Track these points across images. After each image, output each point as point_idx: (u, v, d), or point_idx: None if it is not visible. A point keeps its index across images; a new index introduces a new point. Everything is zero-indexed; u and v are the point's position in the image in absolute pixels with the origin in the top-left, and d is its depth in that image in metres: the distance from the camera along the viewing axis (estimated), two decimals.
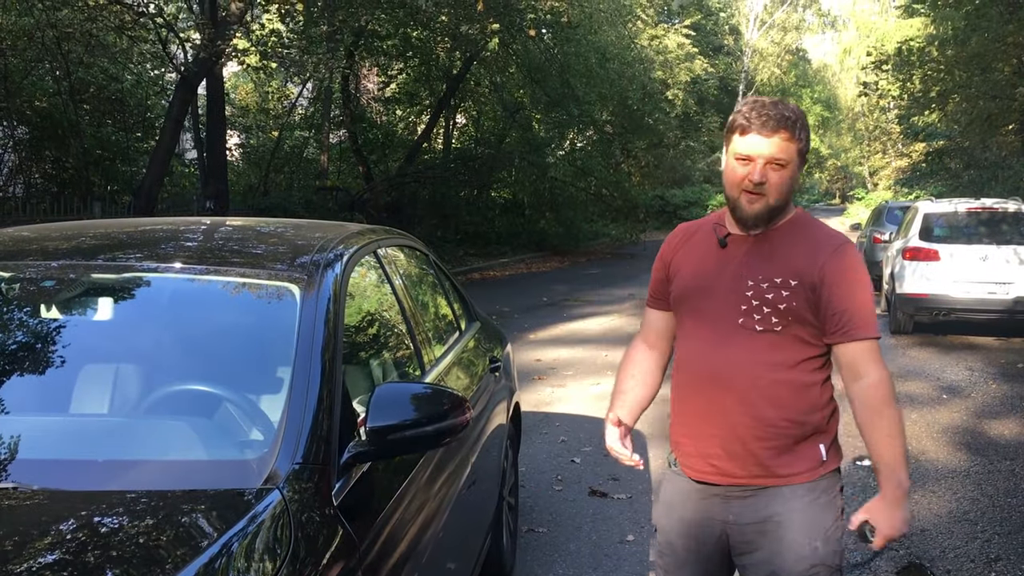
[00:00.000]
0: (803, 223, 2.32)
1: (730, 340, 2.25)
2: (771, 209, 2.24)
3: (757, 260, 2.27)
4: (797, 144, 2.21)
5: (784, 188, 2.23)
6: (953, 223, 11.57)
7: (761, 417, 2.22)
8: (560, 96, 22.53)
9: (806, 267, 2.22)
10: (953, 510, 5.14)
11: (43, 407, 2.30)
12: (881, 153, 45.29)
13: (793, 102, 2.33)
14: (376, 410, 2.09)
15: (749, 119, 2.20)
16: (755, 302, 2.23)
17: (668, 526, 2.45)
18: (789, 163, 2.21)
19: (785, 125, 2.19)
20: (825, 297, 2.20)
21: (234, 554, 1.66)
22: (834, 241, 2.27)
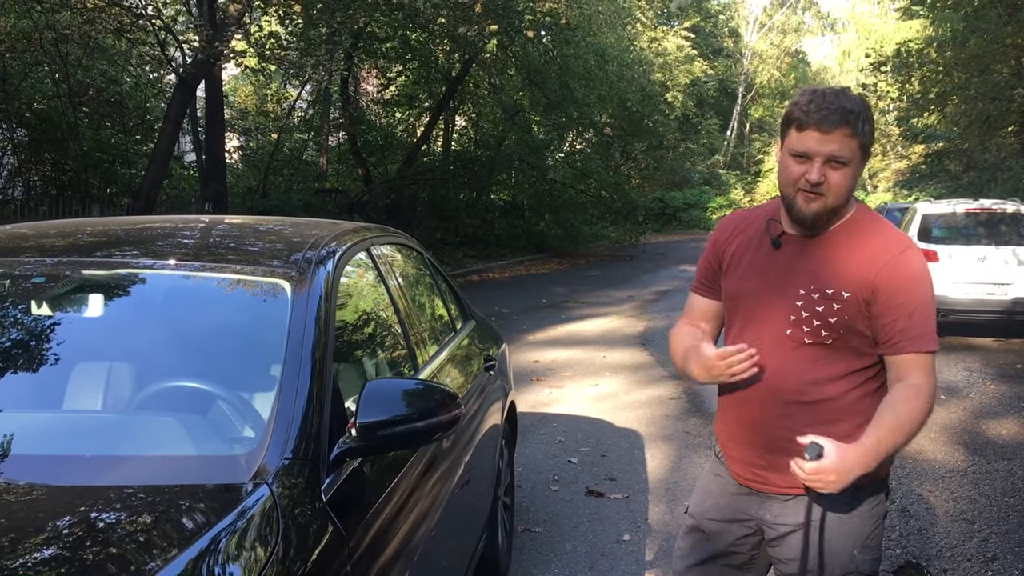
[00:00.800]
0: (864, 224, 2.18)
1: (777, 350, 2.17)
2: (829, 210, 2.11)
3: (811, 266, 2.16)
4: (859, 140, 2.06)
5: (845, 188, 2.09)
6: (952, 224, 11.58)
7: (803, 433, 2.11)
8: (559, 98, 22.54)
9: (861, 277, 2.10)
10: (950, 509, 5.13)
11: (36, 403, 2.30)
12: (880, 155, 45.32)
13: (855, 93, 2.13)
14: (366, 405, 2.08)
15: (807, 113, 2.05)
16: (804, 313, 2.13)
17: (700, 511, 2.43)
18: (851, 161, 2.07)
19: (847, 120, 2.03)
20: (878, 309, 2.09)
21: (222, 548, 1.65)
22: (893, 248, 2.12)
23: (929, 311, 2.11)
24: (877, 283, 2.09)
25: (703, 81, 36.24)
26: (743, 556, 2.39)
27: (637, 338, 11.03)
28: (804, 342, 2.13)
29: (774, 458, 2.20)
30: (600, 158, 26.19)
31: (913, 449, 6.31)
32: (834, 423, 2.14)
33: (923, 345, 2.09)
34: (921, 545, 4.61)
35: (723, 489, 2.37)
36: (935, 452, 6.27)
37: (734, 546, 2.38)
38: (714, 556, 2.40)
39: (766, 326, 2.19)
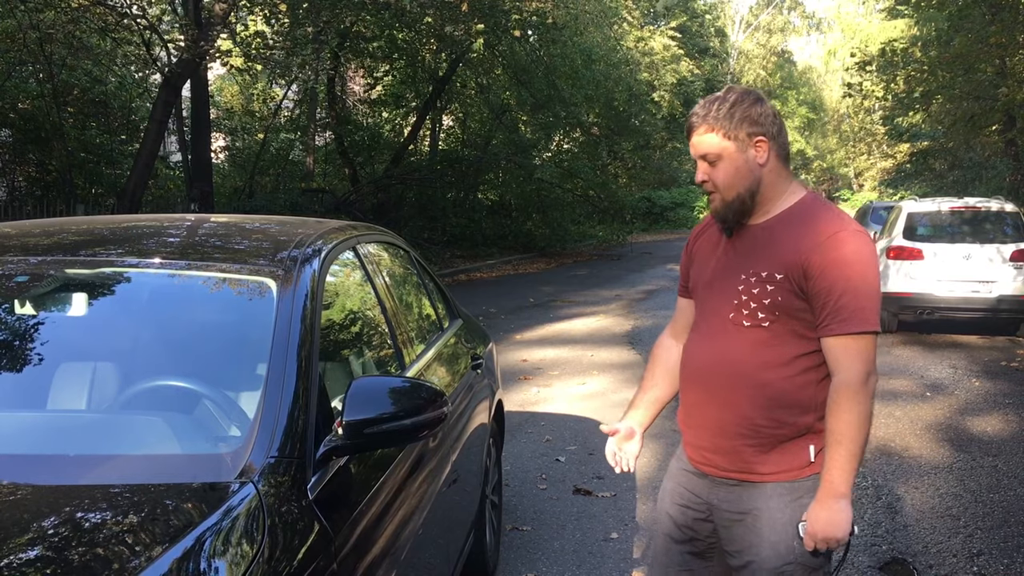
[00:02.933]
0: (806, 211, 2.22)
1: (721, 335, 2.25)
2: (730, 204, 2.22)
3: (752, 253, 2.23)
4: (720, 132, 2.17)
5: (730, 181, 2.19)
6: (937, 222, 11.64)
7: (745, 416, 2.21)
8: (546, 98, 22.55)
9: (793, 259, 2.15)
10: (936, 506, 5.16)
11: (20, 403, 2.28)
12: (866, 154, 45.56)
13: (742, 88, 2.25)
14: (353, 403, 2.08)
15: (688, 119, 2.24)
16: (744, 296, 2.20)
17: (663, 494, 2.51)
18: (721, 157, 2.18)
19: (704, 122, 2.18)
20: (811, 290, 2.13)
21: (208, 547, 1.65)
22: (827, 230, 2.14)
23: (862, 293, 2.10)
24: (808, 265, 2.12)
25: (690, 81, 36.30)
26: (702, 543, 2.42)
27: (624, 337, 11.04)
28: (744, 324, 2.21)
29: (720, 441, 2.27)
30: (587, 157, 26.23)
31: (899, 446, 6.34)
32: (778, 409, 2.18)
33: (851, 327, 2.09)
34: (907, 541, 4.63)
35: (681, 472, 2.45)
36: (921, 449, 6.30)
37: (692, 530, 2.43)
38: (677, 542, 2.46)
39: (715, 312, 2.28)
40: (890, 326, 11.45)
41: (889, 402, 7.70)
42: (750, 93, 2.21)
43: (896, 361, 9.66)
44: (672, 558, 2.47)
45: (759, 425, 2.20)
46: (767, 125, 2.18)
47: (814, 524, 2.13)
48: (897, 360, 9.73)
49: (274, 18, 14.29)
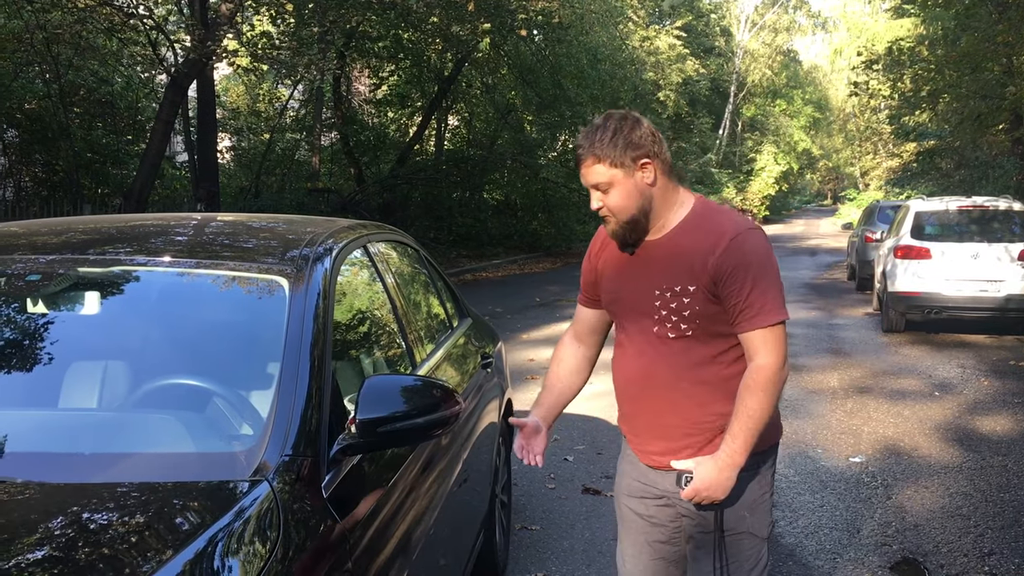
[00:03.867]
0: (700, 219, 2.31)
1: (649, 349, 2.36)
2: (627, 225, 2.30)
3: (659, 267, 2.32)
4: (607, 161, 2.23)
5: (624, 205, 2.27)
6: (944, 221, 11.60)
7: (688, 417, 2.34)
8: (552, 97, 22.53)
9: (700, 268, 2.25)
10: (946, 505, 5.14)
11: (32, 402, 2.28)
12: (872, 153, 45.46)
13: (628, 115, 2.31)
14: (366, 402, 2.08)
15: (575, 152, 2.30)
16: (663, 311, 2.31)
17: (619, 490, 2.62)
18: (612, 184, 2.25)
19: (590, 153, 2.24)
20: (721, 294, 2.24)
21: (223, 544, 1.64)
22: (726, 235, 2.24)
23: (766, 287, 2.23)
24: (714, 271, 2.23)
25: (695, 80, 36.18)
26: (667, 528, 2.51)
27: None
28: (669, 337, 2.32)
29: (667, 443, 2.39)
30: None
31: (908, 446, 6.32)
32: (717, 403, 2.32)
33: (761, 321, 2.22)
34: (917, 541, 4.61)
35: (633, 468, 2.55)
36: (930, 448, 6.28)
37: (655, 518, 2.51)
38: (643, 532, 2.54)
39: (637, 326, 2.39)
40: (897, 325, 11.42)
41: (897, 401, 7.68)
42: (627, 117, 2.28)
43: (904, 360, 9.64)
44: (642, 549, 2.56)
45: (702, 422, 2.34)
46: (649, 145, 2.26)
47: (703, 481, 2.28)
48: (905, 360, 9.70)
49: (280, 18, 14.30)
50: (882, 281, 12.07)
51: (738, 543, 2.41)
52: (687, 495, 2.32)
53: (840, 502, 5.15)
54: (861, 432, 6.68)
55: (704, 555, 2.44)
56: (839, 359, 9.71)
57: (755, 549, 2.43)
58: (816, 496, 5.25)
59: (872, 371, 9.03)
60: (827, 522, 4.85)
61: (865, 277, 15.77)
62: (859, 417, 7.13)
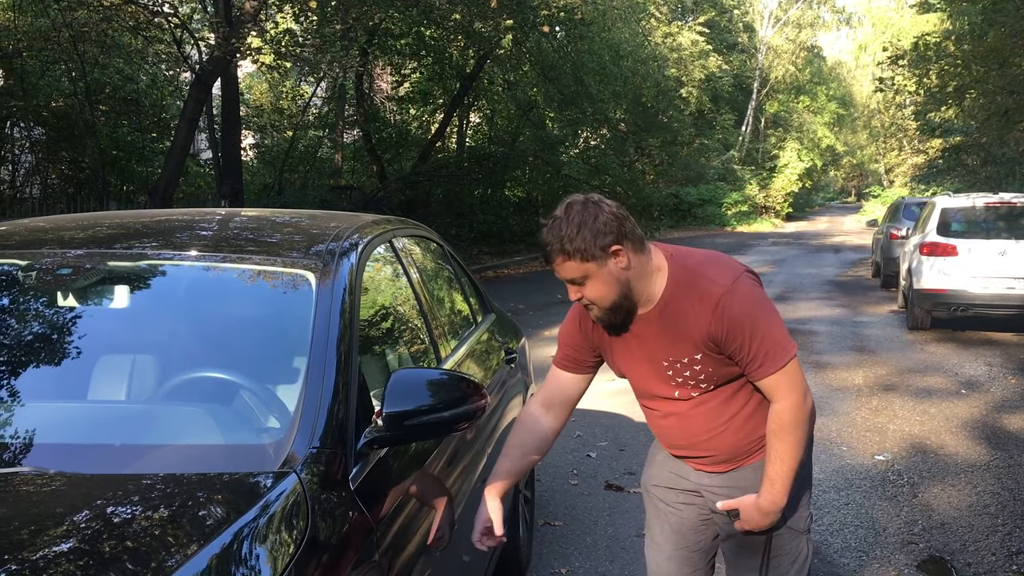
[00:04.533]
0: (681, 285, 2.26)
1: (678, 407, 2.38)
2: (610, 311, 2.26)
3: (658, 342, 2.31)
4: (577, 258, 2.15)
5: (603, 295, 2.21)
6: (971, 218, 11.47)
7: (733, 449, 2.39)
8: (574, 94, 22.46)
9: (698, 338, 2.25)
10: (973, 504, 5.09)
11: (61, 394, 2.30)
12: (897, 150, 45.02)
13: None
14: (392, 395, 2.08)
15: (542, 249, 2.22)
16: (678, 378, 2.33)
17: (647, 478, 2.64)
18: (587, 277, 2.18)
19: (560, 252, 2.16)
20: (727, 351, 2.25)
21: (252, 535, 1.65)
22: (712, 299, 2.21)
23: (764, 333, 2.22)
24: (713, 336, 2.23)
25: (718, 76, 36.03)
26: (695, 520, 2.53)
27: None
28: (692, 396, 2.35)
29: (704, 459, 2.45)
30: (614, 154, 26.12)
31: (934, 444, 6.26)
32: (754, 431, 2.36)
33: (770, 368, 2.23)
34: (944, 539, 4.57)
35: (665, 459, 2.57)
36: (957, 447, 6.22)
37: (683, 510, 2.53)
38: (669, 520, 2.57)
39: (658, 393, 2.40)
40: (923, 323, 11.31)
41: (923, 399, 7.61)
42: (587, 204, 2.17)
43: (930, 358, 9.55)
44: (669, 538, 2.58)
45: (746, 447, 2.39)
46: (615, 231, 2.16)
47: (749, 522, 2.34)
48: (931, 357, 9.61)
49: (303, 16, 14.35)
50: (907, 278, 11.96)
51: (778, 538, 2.42)
52: (738, 528, 2.38)
53: (866, 500, 5.12)
54: (887, 430, 6.62)
55: (745, 553, 2.45)
56: (864, 357, 9.63)
57: (794, 543, 2.45)
58: (841, 494, 5.21)
59: (897, 369, 8.96)
60: (852, 520, 4.81)
61: (890, 274, 15.63)
62: (884, 415, 7.07)
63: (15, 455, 1.94)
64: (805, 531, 2.47)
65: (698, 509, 2.52)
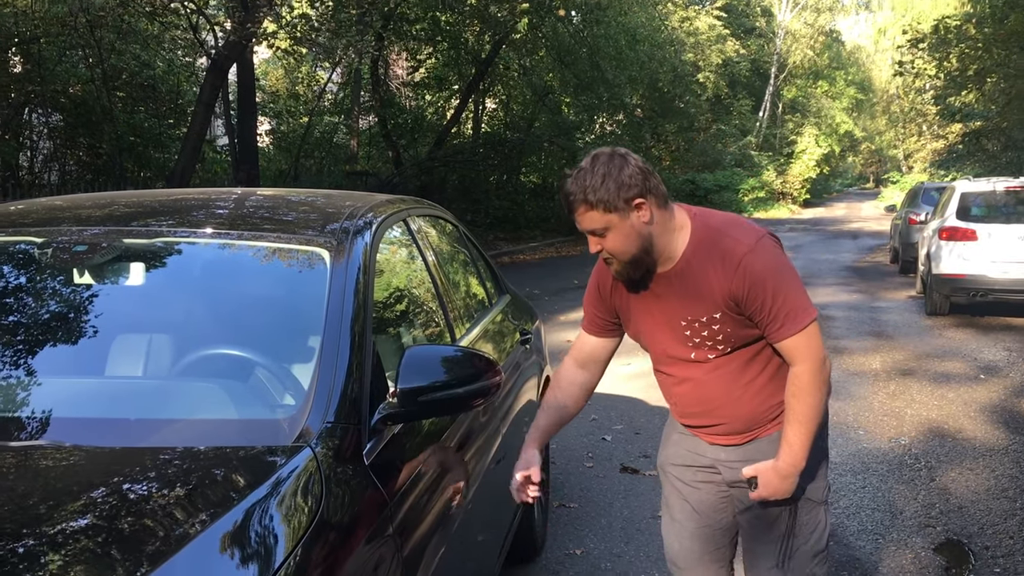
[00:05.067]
0: (703, 244, 2.26)
1: (693, 372, 2.38)
2: (630, 265, 2.26)
3: (678, 300, 2.30)
4: (600, 208, 2.15)
5: (623, 248, 2.21)
6: (991, 202, 11.35)
7: (749, 418, 2.39)
8: (590, 79, 22.38)
9: (719, 296, 2.24)
10: (991, 487, 5.05)
11: (78, 370, 2.31)
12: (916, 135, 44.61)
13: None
14: (407, 371, 2.08)
15: (564, 199, 2.23)
16: (696, 339, 2.32)
17: (664, 458, 2.64)
18: (608, 227, 2.18)
19: (582, 201, 2.16)
20: (746, 311, 2.24)
21: (267, 507, 1.66)
22: (734, 258, 2.21)
23: (785, 294, 2.22)
24: (734, 295, 2.23)
25: (735, 61, 35.73)
26: (713, 498, 2.54)
27: None
28: (709, 358, 2.34)
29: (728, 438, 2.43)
30: (630, 140, 25.98)
31: (952, 428, 6.22)
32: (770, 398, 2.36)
33: (790, 329, 2.22)
34: (962, 523, 4.54)
35: (681, 437, 2.56)
36: (975, 431, 6.18)
37: (701, 488, 2.53)
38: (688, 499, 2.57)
39: (672, 354, 2.39)
40: (942, 308, 11.22)
41: (942, 384, 7.56)
42: (614, 156, 2.19)
43: (948, 344, 9.48)
44: (689, 517, 2.58)
45: (764, 415, 2.39)
46: (640, 184, 2.17)
47: (768, 487, 2.32)
48: (950, 342, 9.54)
49: (319, 0, 14.35)
50: (926, 263, 11.86)
51: (796, 509, 2.42)
52: (753, 498, 2.36)
53: (882, 483, 5.09)
54: (904, 414, 6.59)
55: (762, 525, 2.45)
56: (881, 342, 9.57)
57: (813, 514, 2.44)
58: (858, 477, 5.19)
59: (915, 354, 8.90)
60: (869, 503, 4.79)
61: (908, 260, 15.51)
62: (902, 399, 7.03)
63: (33, 429, 1.96)
64: (823, 502, 2.47)
65: (716, 487, 2.51)
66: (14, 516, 1.57)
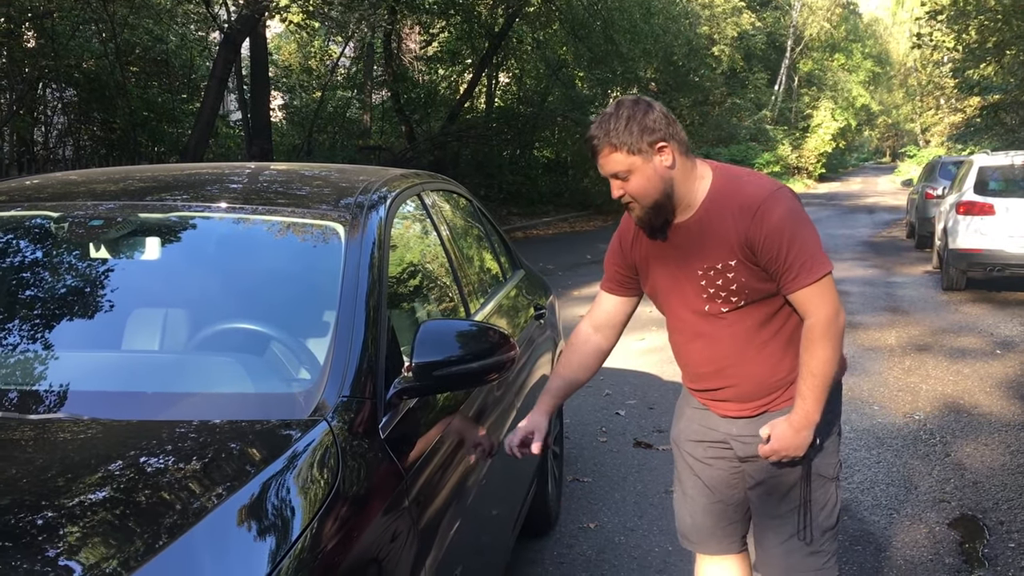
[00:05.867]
0: (723, 193, 2.29)
1: (705, 327, 2.38)
2: (651, 210, 2.28)
3: (695, 248, 2.32)
4: (624, 150, 2.20)
5: (645, 191, 2.24)
6: (1009, 177, 11.25)
7: (761, 381, 2.38)
8: (603, 53, 22.21)
9: (736, 243, 2.25)
10: (1007, 463, 5.04)
11: (95, 344, 2.32)
12: (934, 109, 44.15)
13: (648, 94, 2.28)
14: (422, 346, 2.08)
15: (588, 143, 2.27)
16: (710, 289, 2.32)
17: (677, 432, 2.65)
18: (631, 171, 2.22)
19: (606, 143, 2.21)
20: (761, 261, 2.25)
21: (284, 481, 1.67)
22: (753, 203, 2.24)
23: (801, 244, 2.23)
24: (750, 243, 2.24)
25: (751, 34, 35.40)
26: (726, 473, 2.53)
27: None
28: (722, 311, 2.33)
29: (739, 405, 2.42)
30: None
31: (968, 403, 6.20)
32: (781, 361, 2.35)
33: (805, 279, 2.22)
34: (977, 498, 4.53)
35: (694, 411, 2.56)
36: (990, 406, 6.16)
37: (714, 464, 2.53)
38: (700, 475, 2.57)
39: (687, 308, 2.39)
40: (958, 283, 11.15)
41: (957, 359, 7.52)
42: (639, 102, 2.25)
43: (965, 319, 9.43)
44: (701, 492, 2.58)
45: (775, 381, 2.37)
46: (664, 129, 2.23)
47: (780, 441, 2.30)
48: (966, 318, 9.49)
49: None
50: (943, 238, 11.77)
51: (807, 485, 2.42)
52: (764, 453, 2.34)
53: (897, 459, 5.08)
54: (919, 389, 6.56)
55: (774, 499, 2.45)
56: (897, 317, 9.53)
57: (824, 490, 2.44)
58: (872, 452, 5.18)
59: (931, 329, 8.86)
60: (883, 478, 4.79)
61: (925, 235, 15.41)
62: (917, 375, 7.01)
63: (52, 402, 1.97)
64: (834, 478, 2.46)
65: (728, 462, 2.51)
66: (34, 488, 1.58)
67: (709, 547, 2.64)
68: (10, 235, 2.58)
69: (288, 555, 1.49)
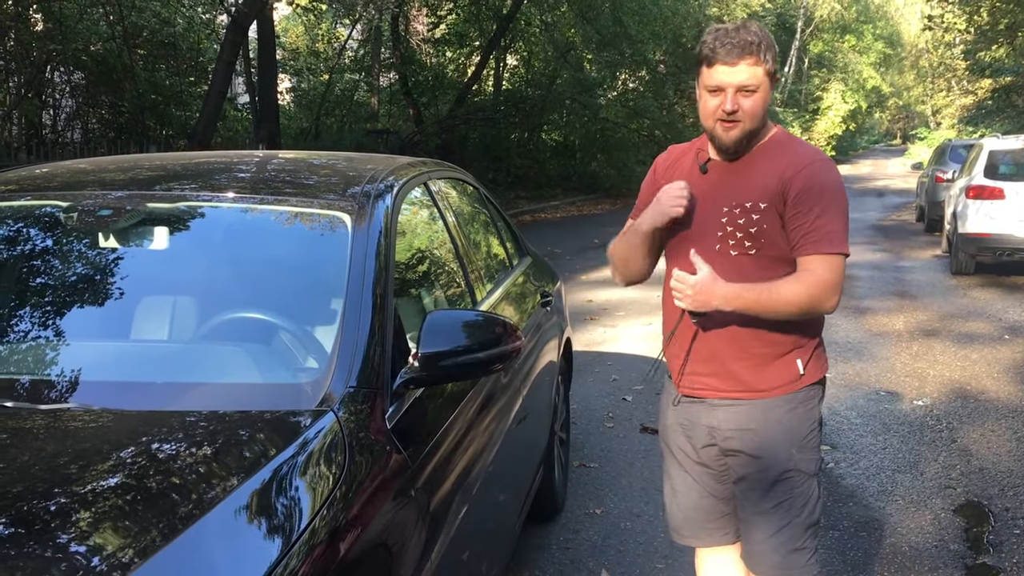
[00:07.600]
0: (782, 143, 2.34)
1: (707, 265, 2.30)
2: (747, 133, 2.28)
3: (732, 185, 2.32)
4: (764, 67, 2.22)
5: (758, 112, 2.26)
6: (1019, 160, 11.19)
7: (738, 339, 2.33)
8: (612, 35, 22.09)
9: (775, 187, 2.26)
10: (1013, 449, 5.04)
11: (104, 334, 2.34)
12: (945, 91, 43.86)
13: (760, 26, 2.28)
14: (428, 336, 2.09)
15: (714, 50, 2.21)
16: (729, 227, 2.30)
17: (663, 428, 2.63)
18: (759, 87, 2.23)
19: (749, 51, 2.20)
20: (789, 214, 2.25)
21: (291, 471, 1.68)
22: (804, 160, 2.28)
23: (833, 215, 2.24)
24: (788, 190, 2.24)
25: (760, 15, 35.16)
26: (712, 467, 2.52)
27: None
28: (730, 254, 2.30)
29: (716, 366, 2.38)
30: (653, 96, 25.72)
31: (975, 389, 6.20)
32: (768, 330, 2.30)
33: (825, 247, 2.23)
34: (983, 484, 4.54)
35: (678, 406, 2.53)
36: (998, 392, 6.15)
37: (700, 458, 2.52)
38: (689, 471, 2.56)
39: (698, 243, 2.32)
40: (967, 268, 11.12)
41: (965, 344, 7.51)
42: (762, 27, 2.28)
43: (973, 303, 9.40)
44: (691, 487, 2.58)
45: (753, 345, 2.34)
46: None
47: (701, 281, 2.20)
48: (974, 302, 9.47)
49: None
50: (952, 222, 11.73)
51: (788, 481, 2.40)
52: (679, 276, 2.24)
53: (903, 444, 5.09)
54: (926, 375, 6.56)
55: (756, 495, 2.44)
56: (905, 301, 9.51)
57: (805, 486, 2.42)
58: (878, 438, 5.19)
59: (939, 314, 8.84)
60: (889, 464, 4.80)
61: (934, 218, 15.35)
62: (925, 360, 7.00)
63: (62, 392, 1.99)
64: (815, 474, 2.45)
65: (713, 457, 2.50)
66: (47, 476, 1.61)
67: (701, 540, 2.64)
68: (20, 224, 2.60)
69: (298, 543, 1.51)
